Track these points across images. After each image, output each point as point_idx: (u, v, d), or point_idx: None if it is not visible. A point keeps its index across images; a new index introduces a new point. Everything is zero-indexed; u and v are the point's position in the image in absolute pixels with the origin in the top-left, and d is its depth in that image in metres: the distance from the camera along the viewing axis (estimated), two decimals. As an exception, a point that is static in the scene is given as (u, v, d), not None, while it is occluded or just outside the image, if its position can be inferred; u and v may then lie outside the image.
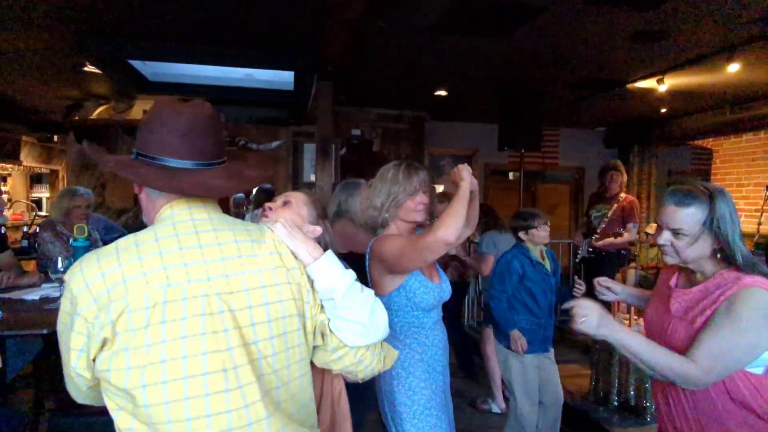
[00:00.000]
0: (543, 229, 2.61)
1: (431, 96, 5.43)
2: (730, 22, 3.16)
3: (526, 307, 2.58)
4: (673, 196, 1.31)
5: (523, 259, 2.60)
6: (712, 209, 1.26)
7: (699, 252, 1.29)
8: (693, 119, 5.87)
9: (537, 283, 2.57)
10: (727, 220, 1.26)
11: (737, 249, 1.25)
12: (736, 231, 1.27)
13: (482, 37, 3.53)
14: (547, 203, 7.58)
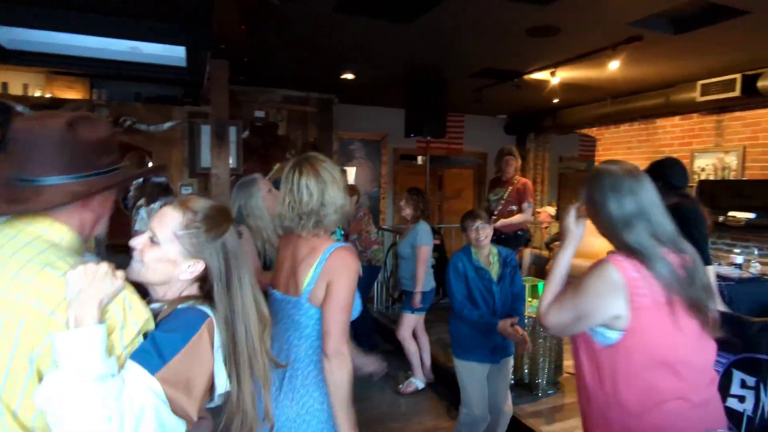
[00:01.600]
0: (474, 232, 2.41)
1: (338, 79, 5.30)
2: (611, 23, 3.41)
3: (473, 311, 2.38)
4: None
5: (466, 261, 2.42)
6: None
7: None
8: (580, 110, 6.38)
9: (477, 288, 2.38)
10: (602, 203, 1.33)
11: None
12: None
13: (385, 22, 3.46)
14: (453, 187, 7.86)
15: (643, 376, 1.24)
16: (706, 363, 1.31)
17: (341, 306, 1.40)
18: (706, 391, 1.29)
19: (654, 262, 1.24)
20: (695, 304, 1.25)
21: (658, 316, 1.24)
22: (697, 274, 1.28)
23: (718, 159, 5.26)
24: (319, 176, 1.47)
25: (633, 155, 6.26)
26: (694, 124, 5.53)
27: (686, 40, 3.69)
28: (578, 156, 8.77)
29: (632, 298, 1.23)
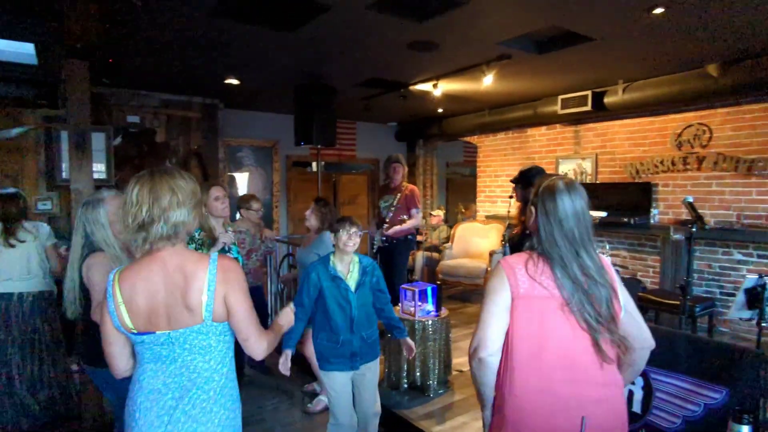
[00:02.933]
0: (348, 234, 2.39)
1: (222, 84, 5.04)
2: (483, 42, 3.68)
3: (327, 323, 2.42)
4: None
5: (321, 270, 2.42)
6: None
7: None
8: (462, 119, 6.81)
9: (333, 298, 2.39)
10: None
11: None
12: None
13: (267, 28, 3.36)
14: (347, 194, 7.91)
15: (514, 363, 1.39)
16: (591, 364, 1.37)
17: (247, 311, 1.45)
18: (587, 389, 1.36)
19: (554, 264, 1.39)
20: (583, 312, 1.36)
21: (537, 309, 1.38)
22: (594, 285, 1.38)
23: (577, 165, 5.96)
24: (155, 187, 1.37)
25: (508, 161, 6.83)
26: (558, 134, 6.20)
27: (548, 60, 4.12)
28: (463, 162, 9.37)
29: (512, 290, 1.39)
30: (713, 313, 3.83)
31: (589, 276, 1.38)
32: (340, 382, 2.43)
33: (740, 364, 1.63)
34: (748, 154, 4.53)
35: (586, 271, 1.38)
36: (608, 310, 1.38)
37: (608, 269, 1.45)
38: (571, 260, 1.38)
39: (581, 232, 1.41)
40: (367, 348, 2.47)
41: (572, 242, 1.40)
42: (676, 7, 2.96)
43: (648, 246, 5.32)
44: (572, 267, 1.38)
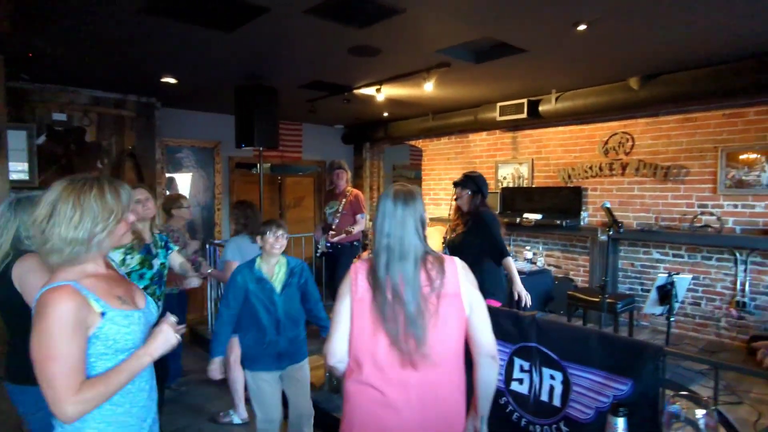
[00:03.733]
0: (275, 236, 2.45)
1: (159, 82, 4.84)
2: (423, 50, 3.77)
3: (253, 324, 2.46)
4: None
5: (247, 273, 2.45)
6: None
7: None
8: (407, 123, 6.92)
9: (260, 300, 2.44)
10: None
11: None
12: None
13: (202, 28, 3.28)
14: (293, 196, 7.81)
15: (351, 362, 1.52)
16: (397, 365, 1.45)
17: (39, 358, 1.21)
18: (397, 392, 1.44)
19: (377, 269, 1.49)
20: (386, 322, 1.45)
21: (364, 312, 1.48)
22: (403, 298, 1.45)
23: (515, 169, 6.22)
24: (51, 197, 1.30)
25: (451, 165, 7.02)
26: (497, 140, 6.44)
27: (485, 69, 4.28)
28: (410, 165, 9.51)
29: (352, 294, 1.52)
30: (634, 308, 4.12)
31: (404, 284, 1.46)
32: (267, 381, 2.49)
33: (643, 358, 1.77)
34: (664, 161, 4.91)
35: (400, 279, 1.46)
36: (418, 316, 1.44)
37: (450, 276, 1.50)
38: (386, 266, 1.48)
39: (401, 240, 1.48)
40: (294, 348, 2.54)
41: (390, 249, 1.48)
42: (598, 25, 3.17)
43: (579, 247, 5.64)
44: (385, 273, 1.47)
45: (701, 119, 4.67)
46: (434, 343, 1.45)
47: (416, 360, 1.43)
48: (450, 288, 1.49)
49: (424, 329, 1.43)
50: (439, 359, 1.46)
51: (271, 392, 2.51)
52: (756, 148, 4.33)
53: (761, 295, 4.38)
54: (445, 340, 1.47)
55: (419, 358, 1.43)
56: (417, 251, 1.49)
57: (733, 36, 3.40)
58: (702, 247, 4.68)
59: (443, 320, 1.47)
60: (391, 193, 1.54)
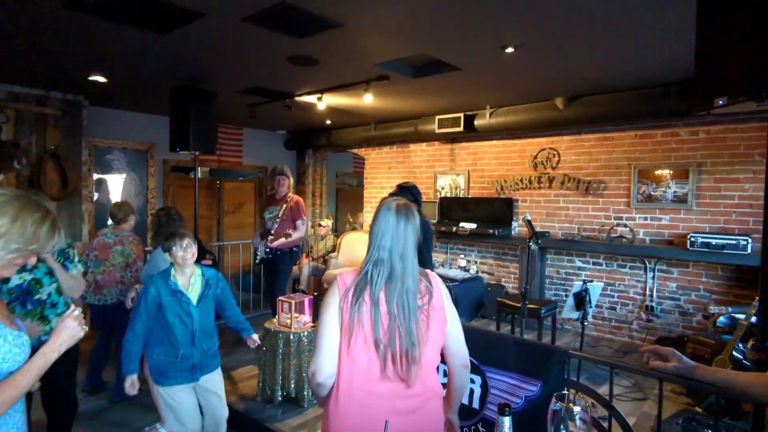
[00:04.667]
0: (183, 248, 2.40)
1: (86, 80, 4.60)
2: (362, 63, 3.85)
3: (166, 337, 2.39)
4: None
5: (162, 285, 2.38)
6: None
7: None
8: (349, 132, 6.99)
9: (173, 313, 2.37)
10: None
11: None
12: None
13: (136, 28, 3.18)
14: (233, 201, 7.64)
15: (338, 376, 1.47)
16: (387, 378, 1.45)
17: None
18: (387, 406, 1.43)
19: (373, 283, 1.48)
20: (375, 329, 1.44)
21: (354, 325, 1.45)
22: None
23: (452, 180, 6.46)
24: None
25: (393, 174, 7.16)
26: (436, 151, 6.66)
27: (423, 83, 4.44)
28: (353, 172, 9.59)
29: (341, 304, 1.46)
30: (557, 313, 4.41)
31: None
32: (182, 394, 2.44)
33: (551, 360, 1.93)
34: (586, 176, 5.30)
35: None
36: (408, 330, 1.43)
37: (436, 289, 1.55)
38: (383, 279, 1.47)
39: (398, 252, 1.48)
40: (208, 359, 2.51)
41: (390, 265, 1.47)
42: (524, 48, 3.40)
43: (510, 255, 5.94)
44: (383, 288, 1.46)
45: (617, 138, 5.10)
46: (425, 356, 1.47)
47: (407, 375, 1.43)
48: (437, 301, 1.52)
49: (418, 346, 1.43)
50: (428, 371, 1.49)
51: (187, 402, 2.46)
52: (663, 166, 4.79)
53: (666, 300, 4.83)
54: (433, 353, 1.51)
55: (410, 374, 1.43)
56: (416, 269, 1.50)
57: (641, 66, 3.76)
58: (617, 255, 5.09)
59: (432, 334, 1.49)
60: (392, 207, 1.52)
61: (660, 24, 2.90)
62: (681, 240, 4.58)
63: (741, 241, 4.08)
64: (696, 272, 4.66)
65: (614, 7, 2.69)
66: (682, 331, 4.67)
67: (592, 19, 2.87)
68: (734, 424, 3.03)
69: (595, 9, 2.72)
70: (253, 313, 5.97)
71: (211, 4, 2.79)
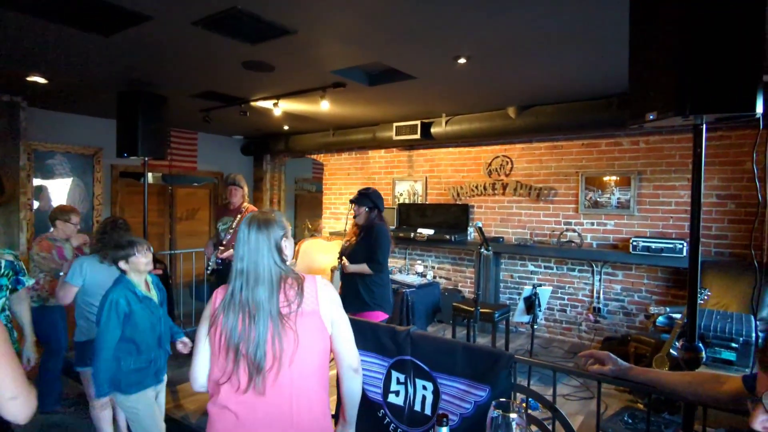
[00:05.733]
0: (145, 255, 2.46)
1: (24, 81, 4.35)
2: (318, 70, 3.85)
3: (134, 347, 2.39)
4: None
5: (130, 295, 2.39)
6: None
7: None
8: (308, 137, 6.94)
9: (145, 319, 2.41)
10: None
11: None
12: None
13: (76, 29, 3.04)
14: (187, 207, 7.41)
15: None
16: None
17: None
18: (249, 412, 1.47)
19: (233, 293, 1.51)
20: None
21: (220, 334, 1.51)
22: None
23: (410, 186, 6.53)
24: None
25: (351, 180, 7.17)
26: (394, 157, 6.72)
27: (380, 91, 4.47)
28: (312, 178, 9.51)
29: (211, 317, 1.53)
30: (510, 317, 4.53)
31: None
32: (150, 396, 2.50)
33: (498, 365, 1.98)
34: (538, 183, 5.50)
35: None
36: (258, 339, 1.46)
37: (309, 295, 1.57)
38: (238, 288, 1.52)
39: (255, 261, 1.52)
40: (165, 361, 2.62)
41: (244, 274, 1.52)
42: (475, 59, 3.50)
43: (466, 260, 6.06)
44: (239, 296, 1.51)
45: (566, 147, 5.31)
46: (297, 362, 1.49)
47: (265, 383, 1.47)
48: (309, 306, 1.54)
49: (277, 354, 1.46)
50: (300, 377, 1.50)
51: (154, 408, 2.52)
52: (607, 174, 5.03)
53: (612, 301, 5.06)
54: (305, 357, 1.51)
55: (268, 382, 1.47)
56: (273, 274, 1.52)
57: (585, 79, 3.95)
58: (567, 259, 5.29)
59: (303, 338, 1.51)
60: (248, 219, 1.59)
61: (601, 41, 3.06)
62: (624, 244, 4.83)
63: (677, 245, 4.34)
64: (638, 275, 4.91)
65: (559, 23, 2.81)
66: (626, 331, 4.90)
67: (538, 35, 3.00)
68: (672, 418, 3.21)
69: (541, 25, 2.84)
70: (207, 323, 5.79)
71: (158, 7, 2.71)
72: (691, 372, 1.64)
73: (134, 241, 2.45)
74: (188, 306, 6.16)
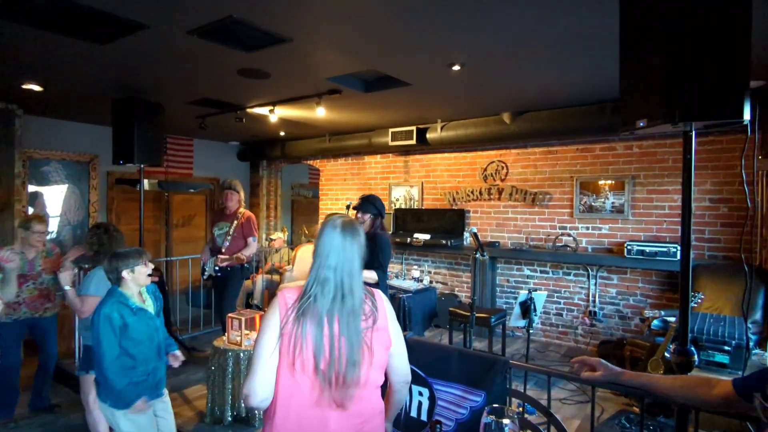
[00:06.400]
0: (146, 268, 2.45)
1: (20, 89, 4.35)
2: (314, 77, 3.87)
3: (131, 361, 2.35)
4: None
5: (123, 308, 2.34)
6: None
7: None
8: (304, 143, 6.96)
9: (141, 331, 2.37)
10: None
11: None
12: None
13: (73, 38, 3.05)
14: (183, 214, 7.40)
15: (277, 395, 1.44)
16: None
17: None
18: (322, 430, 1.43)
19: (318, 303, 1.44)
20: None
21: (294, 346, 1.40)
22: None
23: (406, 191, 6.55)
24: None
25: (348, 185, 7.18)
26: (390, 163, 6.75)
27: (375, 98, 4.50)
28: (309, 183, 9.53)
29: (281, 325, 1.42)
30: (506, 321, 4.54)
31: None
32: (148, 412, 2.44)
33: (493, 371, 2.00)
34: (533, 188, 5.53)
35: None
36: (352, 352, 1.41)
37: (381, 309, 1.54)
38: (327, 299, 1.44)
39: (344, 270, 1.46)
40: (165, 371, 2.58)
41: (335, 285, 1.45)
42: (470, 66, 3.53)
43: (463, 265, 6.08)
44: (328, 308, 1.43)
45: (560, 152, 5.35)
46: (368, 377, 1.46)
47: (347, 398, 1.41)
48: (381, 322, 1.51)
49: (360, 368, 1.42)
50: (369, 393, 1.48)
51: (151, 421, 2.47)
52: (602, 179, 5.07)
53: (607, 305, 5.09)
54: (377, 374, 1.49)
55: (349, 397, 1.41)
56: (361, 289, 1.49)
57: (579, 85, 3.99)
58: (562, 263, 5.32)
59: (377, 353, 1.48)
60: (338, 224, 1.50)
61: (594, 48, 3.10)
62: (619, 248, 4.86)
63: (671, 249, 4.37)
64: (633, 278, 4.94)
65: (551, 30, 2.85)
66: (622, 335, 4.93)
67: (531, 42, 3.03)
68: (667, 422, 3.22)
69: (534, 32, 2.88)
70: (203, 330, 5.78)
71: (154, 17, 2.73)
72: (683, 376, 1.66)
73: (141, 251, 2.43)
74: (184, 312, 6.14)
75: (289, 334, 1.40)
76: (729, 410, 1.38)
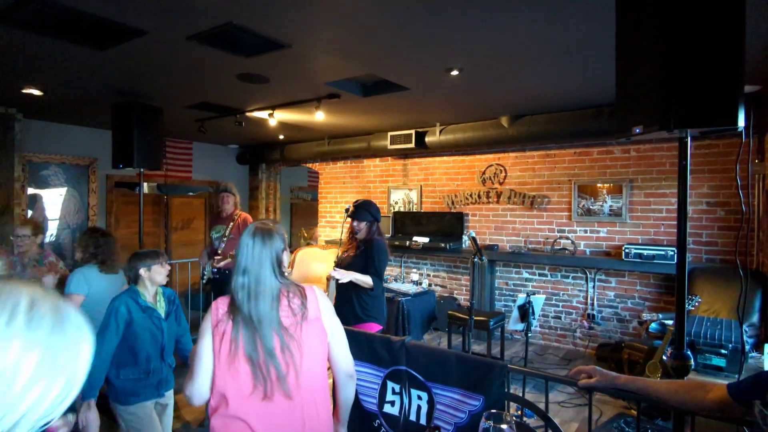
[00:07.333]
0: (162, 267, 2.52)
1: (19, 93, 4.37)
2: (312, 81, 3.89)
3: (133, 356, 2.41)
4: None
5: (132, 304, 2.41)
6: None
7: None
8: (303, 146, 6.98)
9: (146, 329, 2.42)
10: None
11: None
12: None
13: (73, 43, 3.07)
14: (182, 217, 7.42)
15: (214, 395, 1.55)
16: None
17: None
18: (263, 421, 1.49)
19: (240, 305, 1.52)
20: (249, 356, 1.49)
21: (225, 346, 1.52)
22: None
23: (405, 194, 6.57)
24: None
25: (347, 188, 7.20)
26: (389, 166, 6.77)
27: (373, 102, 4.52)
28: (308, 186, 9.54)
29: (213, 329, 1.53)
30: (505, 325, 4.56)
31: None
32: (149, 408, 2.49)
33: (491, 375, 2.01)
34: (531, 191, 5.55)
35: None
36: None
37: (311, 303, 1.61)
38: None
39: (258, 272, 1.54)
40: (170, 374, 2.60)
41: (247, 287, 1.54)
42: (468, 71, 3.56)
43: (462, 268, 6.09)
44: (246, 308, 1.52)
45: (558, 155, 5.38)
46: (304, 369, 1.54)
47: (277, 391, 1.50)
48: (312, 314, 1.59)
49: (287, 362, 1.50)
50: (308, 384, 1.55)
51: (153, 421, 2.50)
52: (599, 182, 5.10)
53: (606, 308, 5.11)
54: (313, 366, 1.57)
55: (280, 390, 1.50)
56: (273, 289, 1.56)
57: (576, 89, 4.01)
58: (561, 266, 5.34)
59: (309, 347, 1.56)
60: (251, 230, 1.60)
61: (592, 53, 3.12)
62: (617, 251, 4.88)
63: (669, 252, 4.39)
64: (631, 281, 4.96)
65: (548, 36, 2.87)
66: (620, 337, 4.94)
67: (528, 47, 3.05)
68: (665, 425, 3.24)
69: (531, 38, 2.90)
70: (202, 333, 5.78)
71: (153, 23, 2.75)
72: (678, 380, 1.67)
73: (158, 252, 2.54)
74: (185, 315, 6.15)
75: (220, 337, 1.51)
76: (724, 415, 1.40)
